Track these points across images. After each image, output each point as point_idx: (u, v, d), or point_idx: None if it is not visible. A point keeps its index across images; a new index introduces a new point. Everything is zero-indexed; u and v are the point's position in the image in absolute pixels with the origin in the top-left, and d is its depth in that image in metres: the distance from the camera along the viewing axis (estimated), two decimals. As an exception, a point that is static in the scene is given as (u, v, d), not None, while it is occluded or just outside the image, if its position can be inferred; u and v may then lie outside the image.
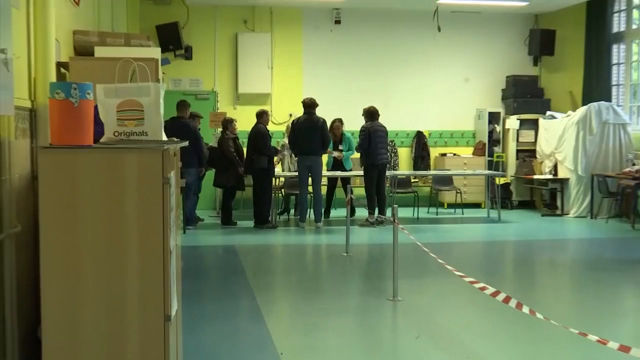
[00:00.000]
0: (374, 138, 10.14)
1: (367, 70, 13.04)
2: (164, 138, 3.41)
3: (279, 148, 10.87)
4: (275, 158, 11.13)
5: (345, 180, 11.30)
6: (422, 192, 12.75)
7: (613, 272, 7.16)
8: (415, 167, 13.09)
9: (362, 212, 10.42)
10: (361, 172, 11.04)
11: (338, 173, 10.79)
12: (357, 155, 11.05)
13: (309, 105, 10.16)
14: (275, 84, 12.69)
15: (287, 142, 11.05)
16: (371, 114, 10.34)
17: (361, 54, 13.03)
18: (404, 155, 13.30)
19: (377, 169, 10.18)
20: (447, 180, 12.27)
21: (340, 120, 11.24)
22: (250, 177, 10.33)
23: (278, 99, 12.74)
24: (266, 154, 9.96)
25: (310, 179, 10.23)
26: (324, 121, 10.16)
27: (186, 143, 3.60)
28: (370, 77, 13.03)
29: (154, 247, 2.95)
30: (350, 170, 11.29)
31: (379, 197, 10.26)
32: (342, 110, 12.47)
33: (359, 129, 10.38)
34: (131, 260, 2.93)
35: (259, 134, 10.01)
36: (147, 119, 3.30)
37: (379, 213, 10.06)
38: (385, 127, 10.44)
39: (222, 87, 12.67)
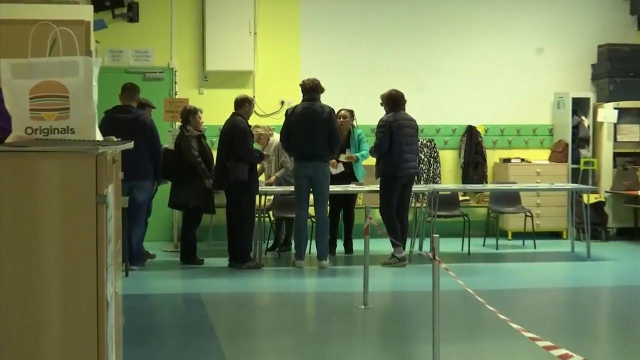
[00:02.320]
0: (397, 137, 10.12)
1: (394, 39, 13.06)
2: (99, 137, 3.42)
3: (265, 152, 10.88)
4: (264, 167, 11.17)
5: (350, 201, 11.26)
6: (476, 215, 12.73)
7: None
8: (466, 179, 13.08)
9: (356, 246, 10.41)
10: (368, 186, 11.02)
11: (340, 188, 10.76)
12: (369, 160, 11.03)
13: (312, 89, 10.17)
14: (260, 57, 12.72)
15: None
16: (394, 101, 10.29)
17: (385, 15, 13.07)
18: (449, 161, 13.31)
19: (400, 182, 10.17)
20: (511, 199, 12.25)
21: (351, 113, 11.20)
22: (223, 194, 10.34)
23: (264, 79, 12.76)
24: (247, 160, 9.97)
25: (311, 195, 10.26)
26: (332, 111, 10.16)
27: (131, 144, 3.62)
28: (399, 49, 13.05)
29: (83, 297, 2.95)
30: (361, 183, 11.29)
31: (399, 223, 10.23)
32: (359, 96, 12.49)
33: (377, 124, 10.38)
34: (50, 315, 2.94)
35: (237, 131, 10.03)
36: (74, 110, 3.32)
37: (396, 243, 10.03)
38: (414, 121, 10.42)
39: (183, 63, 12.71)
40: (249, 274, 9.84)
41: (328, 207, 10.62)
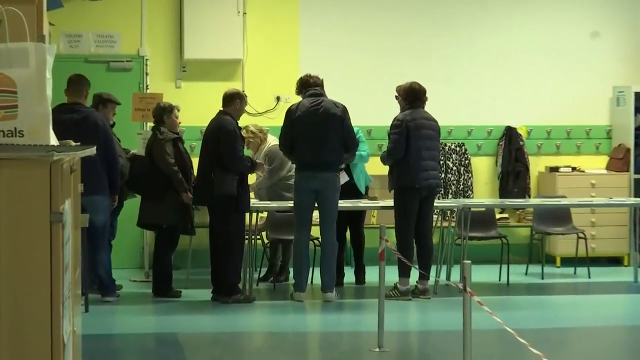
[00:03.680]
0: (415, 140, 10.11)
1: (415, 19, 13.07)
2: (53, 141, 3.44)
3: (258, 159, 10.87)
4: (253, 178, 11.16)
5: (357, 218, 11.29)
6: (517, 237, 12.72)
7: None
8: (503, 193, 13.07)
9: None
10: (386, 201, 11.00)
11: (349, 204, 10.73)
12: (380, 168, 11.02)
13: (316, 84, 10.18)
14: (250, 43, 12.73)
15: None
16: (413, 96, 10.27)
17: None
18: (483, 170, 13.31)
19: (418, 195, 10.16)
20: (560, 217, 12.23)
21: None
22: (205, 211, 10.34)
23: (256, 70, 12.77)
24: (235, 170, 9.97)
25: (317, 213, 10.27)
26: (346, 109, 10.21)
27: (93, 150, 3.64)
28: (422, 31, 13.06)
29: (34, 336, 2.95)
30: (366, 193, 11.28)
31: (420, 246, 10.27)
32: (370, 90, 12.50)
33: (391, 124, 10.37)
34: (-6, 360, 2.94)
35: (224, 133, 10.02)
36: (24, 108, 3.33)
37: (420, 274, 10.01)
38: (436, 122, 10.41)
39: (156, 50, 12.72)
40: (237, 309, 9.82)
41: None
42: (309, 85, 10.22)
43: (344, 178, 10.76)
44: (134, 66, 12.66)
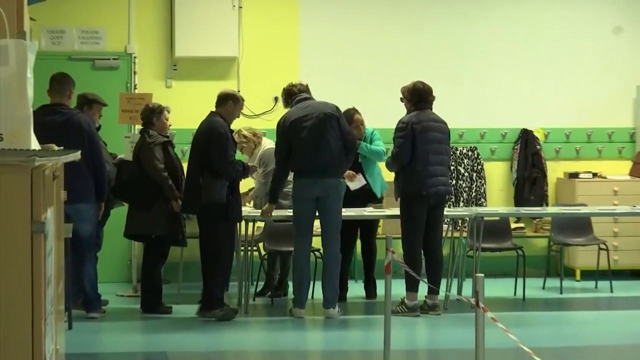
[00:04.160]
0: (421, 143, 10.12)
1: (422, 11, 13.07)
2: (35, 145, 3.45)
3: (251, 163, 10.87)
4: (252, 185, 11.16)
5: (369, 227, 11.31)
6: (533, 248, 12.72)
7: None
8: (519, 201, 13.08)
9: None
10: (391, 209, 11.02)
11: (352, 212, 10.73)
12: (386, 174, 11.04)
13: (300, 91, 10.25)
14: (247, 39, 12.73)
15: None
16: (418, 96, 10.27)
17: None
18: (497, 176, 13.31)
19: (426, 203, 10.18)
20: (580, 226, 12.22)
21: (356, 110, 11.17)
22: (195, 220, 10.32)
23: (252, 68, 12.78)
24: (226, 175, 9.96)
25: (318, 223, 10.27)
26: (338, 108, 10.24)
27: (77, 155, 3.64)
28: (429, 26, 13.06)
29: (14, 356, 2.96)
30: (381, 200, 11.31)
31: (429, 258, 10.29)
32: (375, 90, 12.51)
33: (395, 126, 10.37)
34: (-30, 381, 2.95)
35: (215, 136, 10.02)
36: (3, 109, 3.34)
37: (430, 288, 10.02)
38: (445, 124, 10.42)
39: (145, 47, 12.72)
40: (232, 326, 9.80)
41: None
42: (294, 94, 10.26)
43: (360, 182, 10.79)
44: (121, 64, 12.66)
